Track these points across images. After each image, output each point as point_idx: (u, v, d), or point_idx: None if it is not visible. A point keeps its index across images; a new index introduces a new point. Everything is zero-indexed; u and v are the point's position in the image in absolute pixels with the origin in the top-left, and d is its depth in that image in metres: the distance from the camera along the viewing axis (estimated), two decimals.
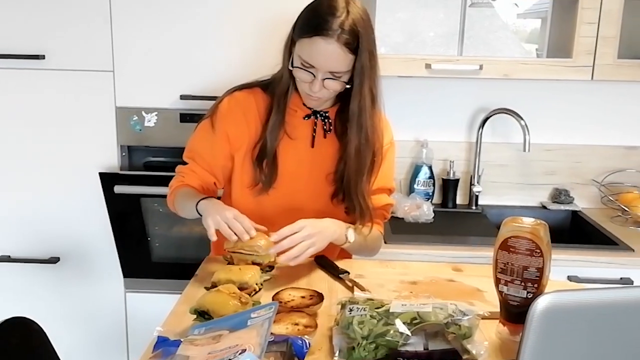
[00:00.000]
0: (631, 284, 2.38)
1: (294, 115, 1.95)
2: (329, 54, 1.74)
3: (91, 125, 2.55)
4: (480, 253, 2.37)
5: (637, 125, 2.99)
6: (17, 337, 1.65)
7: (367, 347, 1.31)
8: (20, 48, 2.49)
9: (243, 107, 1.96)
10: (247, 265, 1.69)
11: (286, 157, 1.94)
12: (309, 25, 1.77)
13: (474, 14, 3.09)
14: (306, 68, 1.78)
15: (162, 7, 2.44)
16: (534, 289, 1.38)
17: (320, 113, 1.97)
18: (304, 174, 1.97)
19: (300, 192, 1.97)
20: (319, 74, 1.77)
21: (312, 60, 1.76)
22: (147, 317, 2.69)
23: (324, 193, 1.98)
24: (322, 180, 1.97)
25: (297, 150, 1.96)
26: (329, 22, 1.72)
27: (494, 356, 1.36)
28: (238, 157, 1.97)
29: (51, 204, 2.63)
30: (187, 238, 2.70)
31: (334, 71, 1.77)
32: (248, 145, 1.95)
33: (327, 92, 1.84)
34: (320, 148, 1.97)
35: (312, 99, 1.88)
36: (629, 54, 2.70)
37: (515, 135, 2.90)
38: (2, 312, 1.74)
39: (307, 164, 1.97)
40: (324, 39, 1.72)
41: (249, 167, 1.94)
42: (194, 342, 1.26)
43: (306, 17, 1.81)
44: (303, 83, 1.83)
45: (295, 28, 1.83)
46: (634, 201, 2.78)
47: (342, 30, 1.72)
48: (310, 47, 1.75)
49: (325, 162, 1.97)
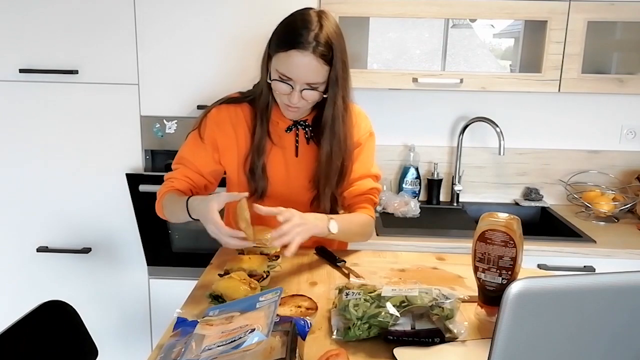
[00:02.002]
0: (593, 272, 2.38)
1: (277, 126, 1.87)
2: (305, 66, 1.66)
3: (119, 131, 2.55)
4: (461, 244, 2.37)
5: (599, 132, 2.99)
6: (54, 318, 1.65)
7: (361, 326, 1.31)
8: (57, 64, 2.49)
9: (232, 120, 1.88)
10: (256, 255, 1.69)
11: (275, 167, 1.88)
12: (285, 40, 1.68)
13: (455, 34, 3.09)
14: (284, 81, 1.70)
15: (181, 28, 2.43)
16: (508, 276, 1.38)
17: (300, 123, 1.88)
18: (293, 181, 1.90)
19: (292, 199, 1.87)
20: (296, 85, 1.69)
21: (289, 72, 1.68)
22: (168, 300, 2.70)
23: (308, 199, 1.92)
24: (306, 188, 1.91)
25: (285, 159, 1.89)
26: (304, 35, 1.65)
27: (473, 335, 1.36)
28: (231, 169, 1.90)
29: (84, 201, 2.63)
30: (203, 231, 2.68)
31: (311, 82, 1.70)
32: (238, 158, 1.87)
33: (305, 103, 1.75)
34: (304, 156, 1.90)
35: (290, 110, 1.79)
36: (592, 69, 2.70)
37: (492, 141, 2.90)
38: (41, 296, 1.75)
39: (294, 172, 1.90)
40: (300, 52, 1.64)
41: (243, 179, 1.87)
42: (209, 322, 1.26)
43: (281, 32, 1.73)
44: (282, 95, 1.75)
45: (271, 43, 1.75)
46: (596, 198, 2.78)
47: (317, 42, 1.65)
48: (287, 61, 1.67)
49: (310, 169, 1.89)
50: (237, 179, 1.90)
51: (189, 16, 2.42)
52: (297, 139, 1.90)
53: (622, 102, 2.95)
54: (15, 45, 2.48)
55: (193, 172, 1.86)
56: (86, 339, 1.72)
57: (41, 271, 2.72)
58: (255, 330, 1.13)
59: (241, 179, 1.88)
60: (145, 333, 2.77)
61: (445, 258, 1.87)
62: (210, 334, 1.19)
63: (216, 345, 1.13)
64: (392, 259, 1.85)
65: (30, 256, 2.70)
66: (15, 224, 2.67)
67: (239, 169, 1.88)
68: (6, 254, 2.70)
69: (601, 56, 2.85)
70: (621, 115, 2.97)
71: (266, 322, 1.17)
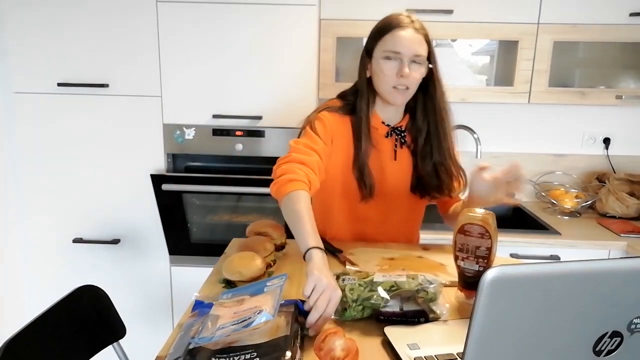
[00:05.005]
0: (558, 260, 2.38)
1: (376, 132, 1.79)
2: (410, 38, 1.64)
3: (144, 138, 2.55)
4: (443, 236, 2.37)
5: (563, 138, 2.99)
6: (88, 301, 1.65)
7: (356, 308, 1.30)
8: (89, 78, 2.49)
9: (339, 126, 1.77)
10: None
11: (375, 168, 1.79)
12: (386, 27, 1.68)
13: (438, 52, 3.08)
14: (392, 57, 1.66)
15: (199, 47, 2.44)
16: (484, 264, 1.38)
17: (396, 130, 1.81)
18: (390, 180, 1.82)
19: (389, 195, 1.83)
20: (404, 58, 1.65)
21: (396, 47, 1.65)
22: (187, 285, 2.70)
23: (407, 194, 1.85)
24: (404, 185, 1.84)
25: (384, 163, 1.81)
26: (402, 20, 1.66)
27: (454, 315, 1.35)
28: (336, 170, 1.77)
29: (114, 198, 2.63)
30: (218, 224, 2.70)
31: (417, 54, 1.66)
32: (345, 161, 1.77)
33: (412, 81, 1.69)
34: (400, 159, 1.83)
35: (398, 92, 1.70)
36: (557, 83, 2.70)
37: (470, 146, 2.90)
38: (76, 281, 1.75)
39: (391, 173, 1.82)
40: (402, 29, 1.65)
41: (351, 180, 1.77)
42: (223, 304, 1.26)
43: (380, 26, 1.71)
44: (388, 77, 1.68)
45: (369, 41, 1.73)
46: (561, 196, 2.78)
47: (413, 22, 1.66)
48: (392, 38, 1.66)
49: (405, 170, 1.84)
50: (343, 180, 1.79)
51: (205, 37, 2.42)
52: (395, 144, 1.83)
53: (583, 112, 2.95)
54: (53, 63, 2.49)
55: (322, 166, 1.66)
56: (116, 318, 1.72)
57: (77, 259, 2.72)
58: (263, 311, 1.13)
59: (348, 180, 1.78)
60: (167, 314, 2.77)
61: (429, 248, 1.86)
62: (224, 315, 1.19)
63: (229, 324, 1.13)
64: (383, 249, 1.84)
65: (67, 246, 2.70)
66: (54, 219, 2.67)
67: (343, 170, 1.78)
68: (47, 245, 2.70)
69: (565, 72, 2.85)
70: (583, 123, 2.97)
71: (273, 304, 1.17)
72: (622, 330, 0.76)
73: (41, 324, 1.48)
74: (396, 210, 1.88)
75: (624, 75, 2.85)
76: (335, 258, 1.76)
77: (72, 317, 1.59)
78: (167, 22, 2.42)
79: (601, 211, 2.76)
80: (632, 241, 2.38)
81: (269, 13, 2.40)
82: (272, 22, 2.41)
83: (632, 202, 2.66)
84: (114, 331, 1.71)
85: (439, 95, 1.78)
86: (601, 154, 3.00)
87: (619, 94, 2.58)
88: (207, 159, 2.61)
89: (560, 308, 0.72)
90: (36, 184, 2.64)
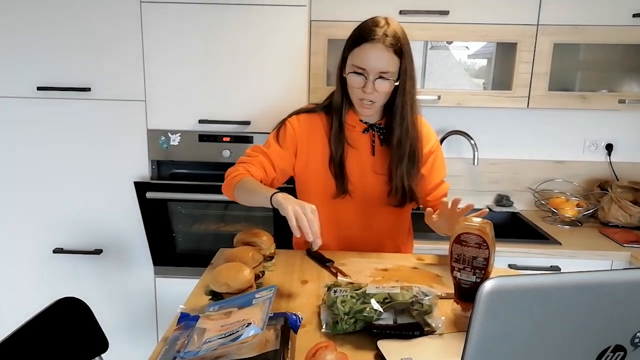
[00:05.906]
0: (559, 271, 2.38)
1: (353, 130, 1.87)
2: (376, 54, 1.68)
3: (127, 143, 2.54)
4: (439, 246, 2.37)
5: (564, 144, 3.01)
6: (69, 313, 1.64)
7: (348, 321, 1.30)
8: (71, 82, 2.48)
9: (311, 128, 1.89)
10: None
11: (353, 166, 1.87)
12: (358, 38, 1.72)
13: (433, 54, 3.09)
14: (358, 72, 1.72)
15: (184, 50, 2.43)
16: (481, 275, 1.38)
17: (375, 126, 1.89)
18: (369, 178, 1.89)
19: (368, 194, 1.90)
20: (369, 75, 1.70)
21: (362, 63, 1.70)
22: (172, 297, 2.69)
23: (385, 193, 1.91)
24: (384, 182, 1.90)
25: (361, 159, 1.89)
26: (374, 31, 1.69)
27: (450, 328, 1.35)
28: (311, 168, 1.89)
29: (96, 206, 2.62)
30: (204, 234, 2.69)
31: (383, 71, 1.70)
32: (323, 161, 1.88)
33: (378, 95, 1.75)
34: (379, 155, 1.89)
35: (364, 105, 1.78)
36: (557, 87, 2.71)
37: (467, 152, 2.91)
38: (57, 293, 1.74)
39: (371, 169, 1.89)
40: (371, 44, 1.68)
41: (325, 177, 1.88)
42: (210, 317, 1.25)
43: (354, 34, 1.76)
44: (356, 89, 1.76)
45: (346, 46, 1.78)
46: (561, 204, 2.79)
47: (385, 35, 1.68)
48: (360, 53, 1.70)
49: (385, 166, 1.89)
50: (321, 182, 1.89)
51: (191, 39, 2.42)
52: (373, 139, 1.89)
53: (585, 116, 2.97)
54: (33, 65, 2.48)
55: (269, 164, 1.84)
56: (98, 332, 1.71)
57: (57, 270, 2.70)
58: (252, 324, 1.13)
59: (327, 181, 1.88)
60: (151, 327, 2.76)
61: (424, 259, 1.86)
62: (211, 328, 1.19)
63: (216, 337, 1.13)
64: (376, 259, 1.84)
65: (47, 257, 2.68)
66: (33, 228, 2.66)
67: (318, 168, 1.88)
68: (26, 255, 2.69)
69: (566, 75, 2.87)
70: (584, 128, 2.99)
71: (261, 317, 1.16)
72: (626, 345, 0.76)
73: (19, 338, 1.46)
74: (378, 211, 1.93)
75: (626, 78, 2.86)
76: (326, 269, 1.75)
77: (52, 330, 1.58)
78: (152, 23, 2.42)
79: (603, 220, 2.77)
80: (636, 251, 2.39)
81: (257, 14, 2.40)
82: (261, 24, 2.41)
83: (636, 211, 2.67)
84: (96, 345, 1.70)
85: (405, 107, 1.82)
86: (603, 161, 3.02)
87: (621, 98, 2.60)
88: (193, 165, 2.61)
89: (561, 321, 0.72)
90: (14, 191, 2.62)
